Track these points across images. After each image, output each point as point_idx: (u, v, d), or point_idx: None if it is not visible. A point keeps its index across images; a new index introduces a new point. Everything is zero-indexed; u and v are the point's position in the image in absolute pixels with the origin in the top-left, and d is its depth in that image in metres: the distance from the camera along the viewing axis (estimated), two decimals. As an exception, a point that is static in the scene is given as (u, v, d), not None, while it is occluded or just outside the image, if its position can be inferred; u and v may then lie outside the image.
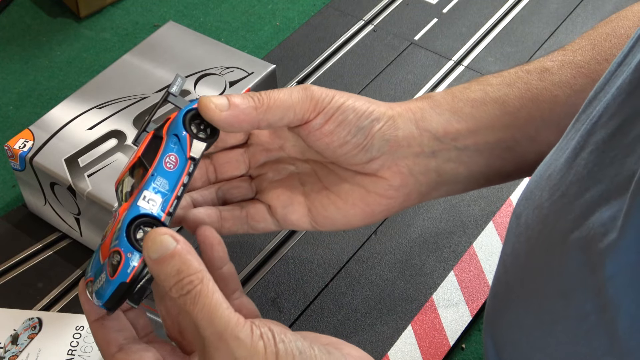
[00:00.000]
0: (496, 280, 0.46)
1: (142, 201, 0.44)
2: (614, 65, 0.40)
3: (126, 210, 0.44)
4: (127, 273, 0.42)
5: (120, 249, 0.43)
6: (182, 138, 0.47)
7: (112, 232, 0.44)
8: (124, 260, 0.42)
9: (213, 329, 0.39)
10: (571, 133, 0.41)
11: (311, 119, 0.49)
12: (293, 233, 0.69)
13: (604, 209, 0.35)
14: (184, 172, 0.46)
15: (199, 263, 0.41)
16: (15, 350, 0.60)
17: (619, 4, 0.90)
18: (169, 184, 0.46)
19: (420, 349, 0.61)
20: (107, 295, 0.43)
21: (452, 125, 0.51)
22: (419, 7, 0.90)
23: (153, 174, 0.45)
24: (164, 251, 0.40)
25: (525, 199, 0.43)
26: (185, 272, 0.40)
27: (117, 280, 0.42)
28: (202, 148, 0.47)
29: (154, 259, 0.40)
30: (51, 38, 0.88)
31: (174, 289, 0.40)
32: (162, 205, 0.45)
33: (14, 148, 0.66)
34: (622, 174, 0.34)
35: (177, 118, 0.47)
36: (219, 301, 0.40)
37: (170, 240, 0.41)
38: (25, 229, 0.70)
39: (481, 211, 0.70)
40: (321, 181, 0.53)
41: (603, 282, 0.34)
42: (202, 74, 0.71)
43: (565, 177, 0.38)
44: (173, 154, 0.46)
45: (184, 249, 0.40)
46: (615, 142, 0.36)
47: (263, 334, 0.40)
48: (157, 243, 0.41)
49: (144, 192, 0.45)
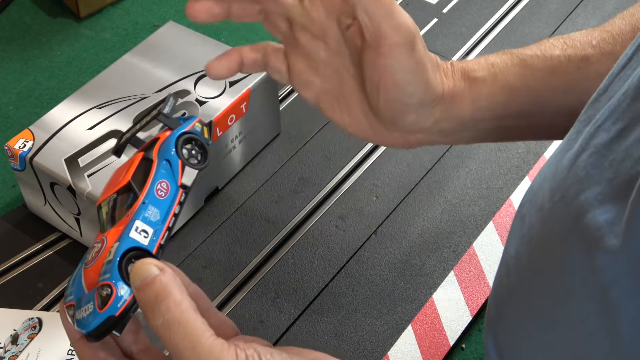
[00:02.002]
0: (498, 281, 0.46)
1: (134, 232, 0.43)
2: (617, 68, 0.40)
3: (117, 241, 0.43)
4: (117, 307, 0.41)
5: (111, 283, 0.41)
6: (174, 164, 0.45)
7: (100, 258, 0.43)
8: (114, 295, 0.41)
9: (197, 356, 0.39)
10: (573, 134, 0.41)
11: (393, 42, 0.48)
12: (293, 233, 0.69)
13: (599, 211, 0.34)
14: (175, 201, 0.45)
15: (179, 291, 0.40)
16: (15, 350, 0.60)
17: (619, 3, 0.90)
18: (160, 213, 0.44)
19: (420, 349, 0.61)
20: (93, 326, 0.41)
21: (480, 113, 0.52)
22: (419, 7, 0.90)
23: (144, 202, 0.44)
24: (145, 278, 0.40)
25: (528, 200, 0.43)
26: (162, 297, 0.39)
27: (105, 314, 0.41)
28: (194, 175, 0.46)
29: (137, 286, 0.40)
30: (51, 38, 0.88)
31: (154, 316, 0.39)
32: (154, 238, 0.43)
33: (14, 148, 0.66)
34: (619, 178, 0.34)
35: (169, 141, 0.46)
36: (201, 330, 0.39)
37: (153, 268, 0.40)
38: (25, 229, 0.70)
39: (481, 211, 0.70)
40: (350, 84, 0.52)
41: (605, 285, 0.34)
42: (202, 74, 0.71)
43: (565, 179, 0.38)
44: (164, 181, 0.45)
45: (166, 277, 0.40)
46: (615, 146, 0.36)
47: (248, 356, 0.40)
48: (139, 270, 0.40)
49: (136, 222, 0.43)
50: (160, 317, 0.39)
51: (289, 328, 0.63)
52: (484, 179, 0.73)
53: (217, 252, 0.68)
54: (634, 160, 0.34)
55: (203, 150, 0.47)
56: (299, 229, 0.69)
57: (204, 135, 0.48)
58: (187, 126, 0.47)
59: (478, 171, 0.74)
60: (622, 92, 0.37)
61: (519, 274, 0.42)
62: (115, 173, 0.48)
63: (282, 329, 0.63)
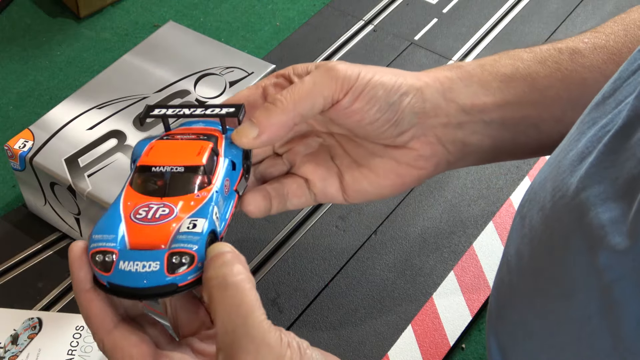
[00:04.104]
0: (499, 280, 0.46)
1: (214, 217, 0.43)
2: (626, 72, 0.39)
3: (195, 216, 0.43)
4: (187, 278, 0.41)
5: (196, 253, 0.41)
6: (238, 168, 0.47)
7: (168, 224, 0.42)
8: (194, 265, 0.41)
9: (246, 329, 0.39)
10: (575, 134, 0.41)
11: (341, 99, 0.48)
12: (293, 233, 0.69)
13: (602, 209, 0.34)
14: (233, 203, 0.47)
15: (245, 267, 0.41)
16: (15, 350, 0.60)
17: (619, 3, 0.90)
18: (224, 207, 0.45)
19: (420, 349, 0.61)
20: (152, 284, 0.40)
21: (479, 98, 0.51)
22: (419, 7, 0.90)
23: (217, 191, 0.45)
24: (217, 252, 0.41)
25: (529, 200, 0.42)
26: (237, 260, 0.40)
27: (173, 279, 0.41)
28: (244, 187, 0.48)
29: (210, 257, 0.40)
30: (51, 38, 0.88)
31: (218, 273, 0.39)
32: (220, 228, 0.44)
33: (14, 148, 0.66)
34: (621, 177, 0.34)
35: (237, 146, 0.48)
36: (255, 306, 0.40)
37: (228, 247, 0.41)
38: (25, 229, 0.70)
39: (481, 211, 0.70)
40: (349, 155, 0.53)
41: (608, 284, 0.33)
42: (202, 74, 0.71)
43: (567, 179, 0.38)
44: (228, 180, 0.46)
45: (235, 255, 0.41)
46: (617, 146, 0.36)
47: (290, 342, 0.40)
48: (214, 247, 0.41)
49: (213, 205, 0.44)
50: (221, 278, 0.39)
51: (289, 328, 0.63)
52: (484, 179, 0.73)
53: (217, 252, 0.68)
54: (637, 159, 0.34)
55: (248, 168, 0.49)
56: (299, 229, 0.69)
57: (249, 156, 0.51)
58: None
59: (478, 171, 0.74)
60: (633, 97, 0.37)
61: (521, 273, 0.42)
62: (163, 145, 0.47)
63: (282, 329, 0.63)
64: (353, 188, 0.53)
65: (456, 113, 0.51)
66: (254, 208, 0.51)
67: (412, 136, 0.51)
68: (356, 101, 0.49)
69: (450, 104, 0.51)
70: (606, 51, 0.52)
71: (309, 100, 0.47)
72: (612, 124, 0.37)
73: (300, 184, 0.53)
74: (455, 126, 0.51)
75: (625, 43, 0.53)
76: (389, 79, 0.50)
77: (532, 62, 0.52)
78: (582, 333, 0.36)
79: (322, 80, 0.48)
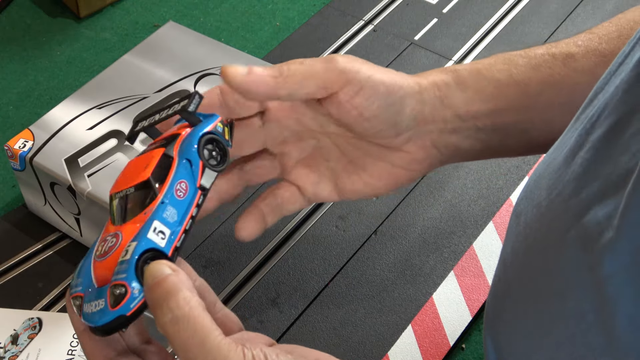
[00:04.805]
0: (496, 279, 0.46)
1: (152, 233, 0.42)
2: (615, 65, 0.40)
3: (134, 240, 0.42)
4: (129, 308, 0.41)
5: (126, 283, 0.41)
6: (195, 164, 0.44)
7: (114, 255, 0.42)
8: (129, 296, 0.41)
9: (204, 355, 0.39)
10: (570, 132, 0.41)
11: (337, 91, 0.48)
12: (293, 233, 0.69)
13: (599, 207, 0.35)
14: (193, 203, 0.44)
15: (189, 290, 0.40)
16: (15, 350, 0.60)
17: (619, 3, 0.90)
18: (177, 214, 0.43)
19: (420, 349, 0.61)
20: (102, 322, 0.41)
21: (474, 105, 0.52)
22: (419, 7, 0.90)
23: (163, 202, 0.43)
24: (156, 278, 0.40)
25: (525, 197, 0.43)
26: (172, 293, 0.39)
27: (117, 312, 0.41)
28: (213, 178, 0.45)
29: (148, 285, 0.40)
30: (51, 38, 0.88)
31: (162, 313, 0.39)
32: (171, 239, 0.43)
33: (14, 148, 0.66)
34: (616, 172, 0.34)
35: (191, 140, 0.45)
36: (210, 328, 0.39)
37: (166, 268, 0.40)
38: (25, 229, 0.70)
39: (481, 211, 0.70)
40: (345, 155, 0.53)
41: (601, 280, 0.34)
42: (202, 74, 0.71)
43: (563, 176, 0.38)
44: (184, 181, 0.44)
45: (178, 277, 0.40)
46: (611, 140, 0.36)
47: (255, 356, 0.40)
48: (152, 270, 0.40)
49: (155, 222, 0.42)
50: (170, 313, 0.39)
51: (289, 328, 0.63)
52: (484, 179, 0.73)
53: (217, 252, 0.68)
54: (632, 153, 0.34)
55: (223, 152, 0.46)
56: (299, 229, 0.69)
57: (225, 136, 0.47)
58: (210, 125, 0.46)
59: (478, 171, 0.74)
60: (615, 86, 0.37)
61: (516, 271, 0.42)
62: (130, 164, 0.46)
63: (282, 329, 0.63)
64: (348, 188, 0.53)
65: (452, 119, 0.52)
66: (247, 235, 0.51)
67: (409, 139, 0.51)
68: (357, 95, 0.49)
69: (447, 110, 0.52)
70: (599, 54, 0.53)
71: (301, 79, 0.47)
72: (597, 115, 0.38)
73: (293, 192, 0.53)
74: (450, 131, 0.52)
75: (618, 45, 0.53)
76: (390, 78, 0.50)
77: (526, 68, 0.53)
78: (576, 330, 0.36)
79: (320, 67, 0.48)
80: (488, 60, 0.54)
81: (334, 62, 0.48)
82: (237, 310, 0.64)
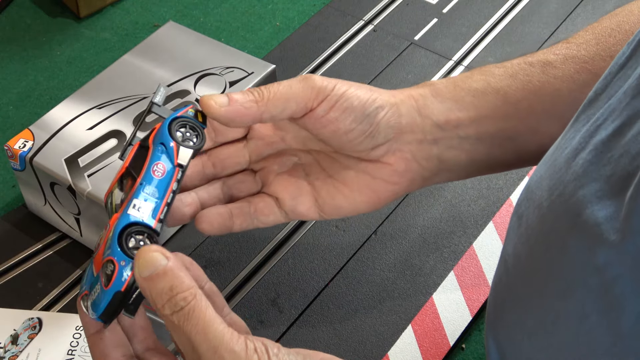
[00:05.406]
0: (497, 280, 0.46)
1: (132, 209, 0.44)
2: (615, 67, 0.40)
3: (117, 219, 0.44)
4: (121, 282, 0.42)
5: (114, 258, 0.42)
6: (169, 146, 0.47)
7: (105, 243, 0.44)
8: (117, 269, 0.42)
9: (208, 343, 0.39)
10: (570, 132, 0.41)
11: (315, 107, 0.49)
12: (293, 233, 0.69)
13: (598, 207, 0.35)
14: (172, 179, 0.47)
15: (190, 280, 0.40)
16: (15, 350, 0.60)
17: (618, 3, 0.90)
18: (158, 191, 0.46)
19: (420, 349, 0.61)
20: (103, 306, 0.42)
21: (453, 114, 0.52)
22: (419, 7, 0.90)
23: (142, 183, 0.46)
24: (155, 269, 0.40)
25: (526, 198, 0.43)
26: (178, 288, 0.40)
27: (111, 290, 0.42)
28: (189, 155, 0.47)
29: (145, 276, 0.40)
30: (51, 38, 0.88)
31: (167, 305, 0.40)
32: (153, 213, 0.45)
33: (14, 148, 0.66)
34: (617, 174, 0.35)
35: (162, 127, 0.48)
36: (213, 316, 0.40)
37: (161, 257, 0.40)
38: (25, 229, 0.70)
39: (481, 211, 0.70)
40: (325, 170, 0.53)
41: (608, 282, 0.34)
42: (202, 74, 0.71)
43: (564, 177, 0.38)
44: (160, 162, 0.47)
45: (175, 266, 0.40)
46: (613, 143, 0.36)
47: (257, 348, 0.40)
48: (148, 261, 0.40)
49: (134, 200, 0.45)
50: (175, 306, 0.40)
51: (289, 328, 0.63)
52: (484, 179, 0.73)
53: (217, 252, 0.68)
54: (632, 156, 0.34)
55: (198, 132, 0.48)
56: (299, 229, 0.69)
57: (198, 119, 0.49)
58: (179, 112, 0.49)
59: (478, 171, 0.74)
60: (622, 91, 0.37)
61: (518, 272, 0.42)
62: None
63: (282, 329, 0.63)
64: (329, 203, 0.53)
65: (431, 129, 0.52)
66: (207, 225, 0.51)
67: (387, 150, 0.52)
68: (332, 110, 0.49)
69: (426, 120, 0.52)
70: (578, 60, 0.53)
71: (282, 102, 0.48)
72: (602, 118, 0.38)
73: (269, 203, 0.53)
74: (430, 142, 0.52)
75: (597, 51, 0.53)
76: (364, 92, 0.51)
77: (504, 76, 0.53)
78: (580, 331, 0.36)
79: (298, 86, 0.49)
80: (464, 73, 0.55)
81: (311, 80, 0.49)
82: (237, 310, 0.64)
